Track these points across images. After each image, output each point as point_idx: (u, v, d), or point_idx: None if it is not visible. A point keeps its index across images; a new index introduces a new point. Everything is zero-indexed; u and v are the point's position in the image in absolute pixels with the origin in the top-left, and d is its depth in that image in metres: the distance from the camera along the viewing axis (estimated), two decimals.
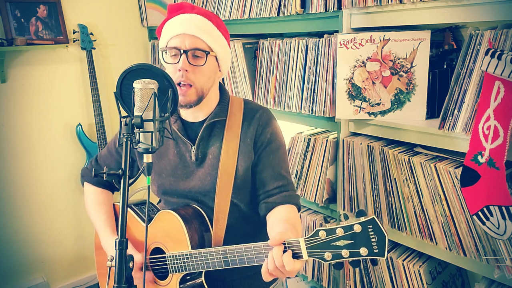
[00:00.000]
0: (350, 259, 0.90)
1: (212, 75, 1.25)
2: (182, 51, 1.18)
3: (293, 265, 0.94)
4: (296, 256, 0.96)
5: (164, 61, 1.23)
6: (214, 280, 1.25)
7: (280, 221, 1.18)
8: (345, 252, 0.90)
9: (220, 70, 1.29)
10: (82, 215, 2.80)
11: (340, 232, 0.90)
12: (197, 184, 1.29)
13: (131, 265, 0.90)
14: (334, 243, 0.91)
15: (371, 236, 0.88)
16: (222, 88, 1.36)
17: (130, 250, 1.28)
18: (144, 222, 1.33)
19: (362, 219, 0.90)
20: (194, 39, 1.19)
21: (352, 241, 0.90)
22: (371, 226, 0.88)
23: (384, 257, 0.88)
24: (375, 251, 0.88)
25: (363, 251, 0.89)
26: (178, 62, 1.18)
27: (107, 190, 1.48)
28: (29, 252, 2.65)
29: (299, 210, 1.29)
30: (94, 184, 1.46)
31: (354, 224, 0.89)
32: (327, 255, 0.92)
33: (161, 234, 1.26)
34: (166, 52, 1.22)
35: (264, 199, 1.27)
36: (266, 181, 1.28)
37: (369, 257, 0.89)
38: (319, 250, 0.93)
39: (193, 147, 1.29)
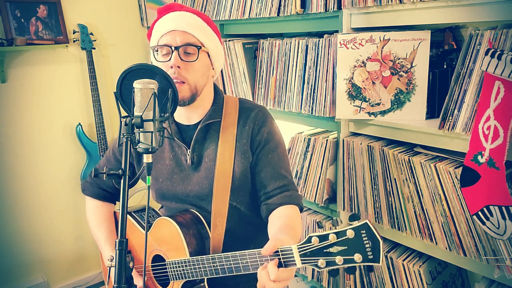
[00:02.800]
0: (345, 266, 0.87)
1: (205, 72, 1.23)
2: (173, 48, 1.17)
3: (279, 275, 0.90)
4: (289, 264, 0.93)
5: (156, 59, 1.21)
6: (217, 285, 1.23)
7: (279, 219, 1.16)
8: (339, 259, 0.87)
9: (213, 68, 1.27)
10: (82, 215, 2.80)
11: (333, 238, 0.87)
12: (194, 189, 1.27)
13: (131, 265, 0.90)
14: (328, 250, 0.88)
15: (365, 242, 0.85)
16: (216, 88, 1.34)
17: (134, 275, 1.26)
18: (144, 230, 1.33)
19: (355, 223, 0.86)
20: (185, 35, 1.18)
21: (346, 247, 0.86)
22: (364, 231, 0.85)
23: (379, 263, 0.84)
24: (369, 257, 0.85)
25: (357, 257, 0.85)
26: (170, 59, 1.17)
27: (108, 203, 1.45)
28: (29, 252, 2.65)
29: (301, 210, 1.26)
30: (95, 198, 1.44)
31: (347, 229, 0.86)
32: (321, 262, 0.88)
33: (160, 241, 1.25)
34: (157, 50, 1.21)
35: (264, 201, 1.25)
36: (266, 182, 1.25)
37: (363, 264, 0.86)
38: (312, 258, 0.90)
39: (188, 151, 1.27)
